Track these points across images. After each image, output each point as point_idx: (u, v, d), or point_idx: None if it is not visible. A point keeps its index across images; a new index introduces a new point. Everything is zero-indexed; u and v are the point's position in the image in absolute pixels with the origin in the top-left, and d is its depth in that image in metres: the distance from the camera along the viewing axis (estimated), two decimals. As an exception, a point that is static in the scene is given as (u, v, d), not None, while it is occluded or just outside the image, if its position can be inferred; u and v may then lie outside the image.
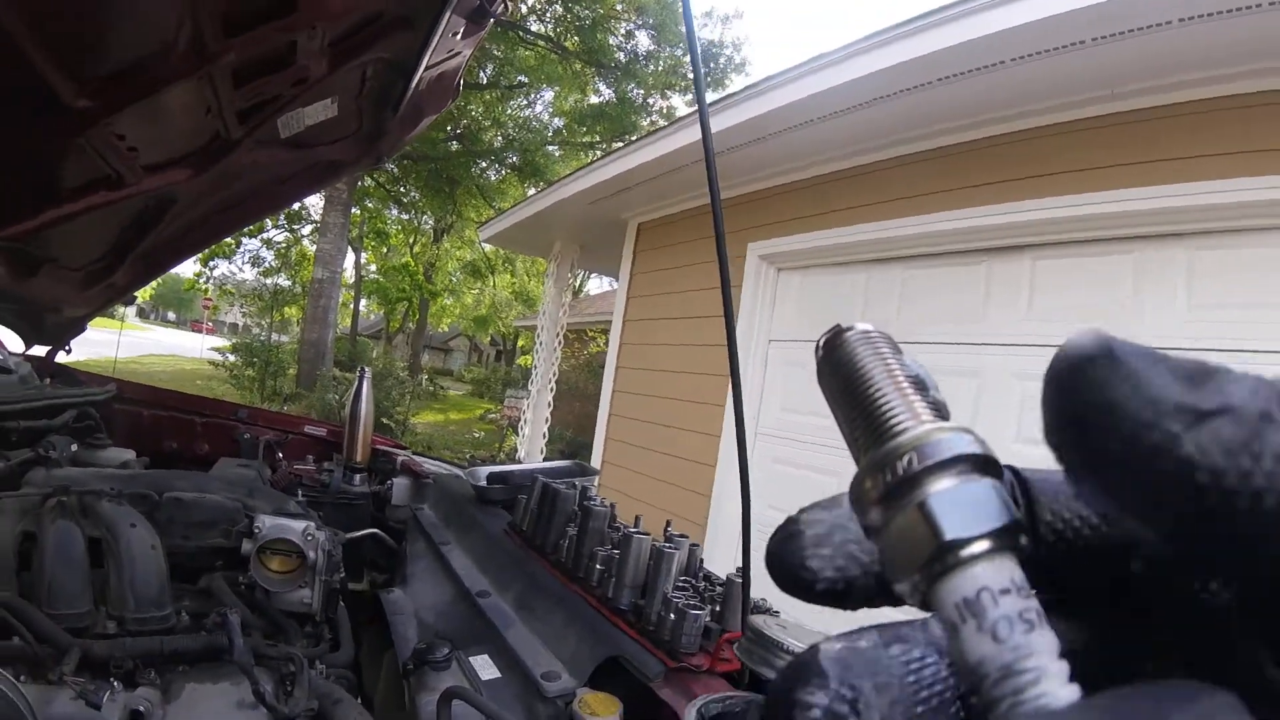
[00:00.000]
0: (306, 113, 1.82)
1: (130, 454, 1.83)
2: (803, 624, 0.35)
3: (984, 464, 0.16)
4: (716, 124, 4.19)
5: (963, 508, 0.16)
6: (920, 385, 0.19)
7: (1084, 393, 0.16)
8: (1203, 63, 2.71)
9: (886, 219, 3.91)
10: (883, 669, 0.17)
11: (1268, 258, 2.67)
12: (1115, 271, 3.11)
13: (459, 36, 1.71)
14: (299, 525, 1.26)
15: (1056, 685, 0.14)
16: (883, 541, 0.17)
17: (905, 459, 0.16)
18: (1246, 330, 2.68)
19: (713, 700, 0.42)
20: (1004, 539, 0.15)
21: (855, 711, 0.16)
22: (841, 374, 0.20)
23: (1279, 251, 2.66)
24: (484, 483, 1.77)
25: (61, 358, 2.52)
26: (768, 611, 1.14)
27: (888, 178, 3.96)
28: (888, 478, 0.16)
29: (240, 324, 35.05)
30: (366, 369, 2.29)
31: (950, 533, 0.15)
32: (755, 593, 1.22)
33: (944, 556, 0.15)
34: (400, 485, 2.10)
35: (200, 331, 32.76)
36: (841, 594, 0.19)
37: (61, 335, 2.38)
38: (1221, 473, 0.14)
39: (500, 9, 1.62)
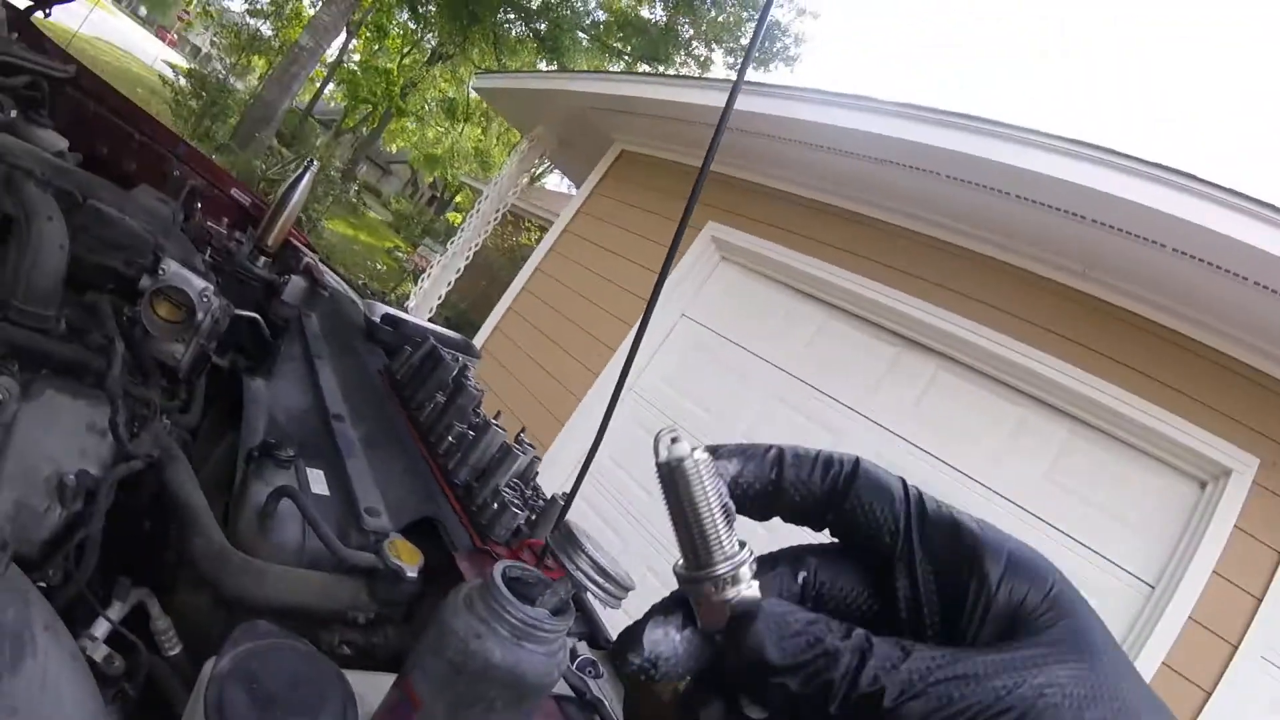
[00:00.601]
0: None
1: (64, 144, 1.75)
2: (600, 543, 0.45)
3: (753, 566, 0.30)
4: (740, 104, 4.23)
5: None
6: (729, 515, 0.30)
7: None
8: (1170, 292, 3.01)
9: (837, 265, 4.10)
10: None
11: (1130, 478, 3.04)
12: (1001, 414, 3.42)
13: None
14: (199, 283, 1.27)
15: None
16: (701, 602, 0.30)
17: (720, 581, 0.30)
18: (1087, 526, 3.04)
19: (515, 565, 0.53)
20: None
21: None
22: (682, 497, 0.29)
23: (1142, 474, 3.02)
24: (378, 319, 1.82)
25: (37, 18, 2.34)
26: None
27: (857, 233, 4.14)
28: (715, 587, 0.30)
29: (203, 50, 32.16)
30: (315, 162, 2.26)
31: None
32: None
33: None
34: (296, 284, 2.10)
35: (163, 40, 29.91)
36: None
37: None
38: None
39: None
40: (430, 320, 7.94)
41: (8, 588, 0.67)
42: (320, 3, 13.78)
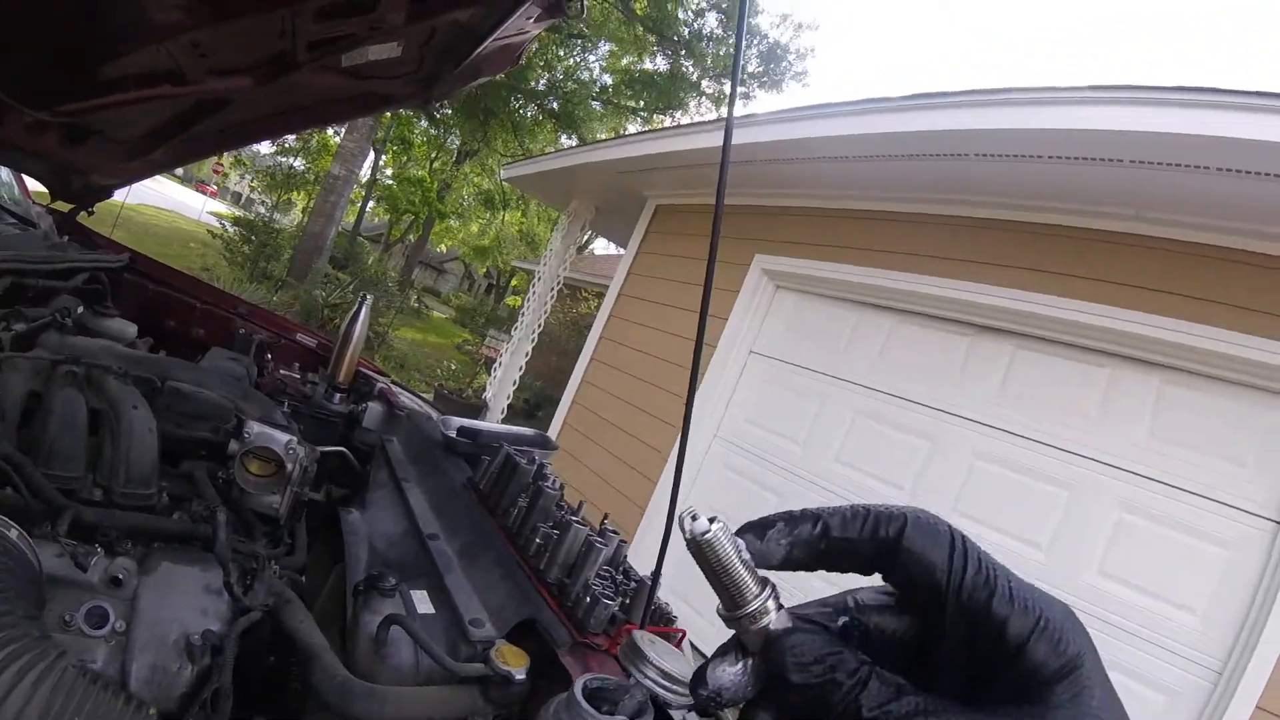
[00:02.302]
0: (371, 50, 1.91)
1: (133, 329, 1.90)
2: (669, 645, 0.48)
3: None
4: (753, 135, 4.30)
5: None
6: (749, 565, 0.36)
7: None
8: (1229, 213, 2.88)
9: (890, 269, 4.05)
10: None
11: (1235, 416, 2.87)
12: (1089, 381, 3.29)
13: (531, 20, 1.82)
14: (283, 437, 1.39)
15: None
16: (744, 634, 0.37)
17: (752, 616, 0.36)
18: (1201, 475, 2.87)
19: (595, 678, 0.57)
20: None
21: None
22: (710, 561, 0.36)
23: (1247, 409, 2.85)
24: (454, 434, 1.90)
25: (81, 217, 2.60)
26: (667, 617, 1.30)
27: (902, 231, 4.10)
28: (749, 621, 0.36)
29: (244, 195, 34.58)
30: (369, 296, 2.40)
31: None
32: (666, 594, 1.39)
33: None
34: (374, 411, 2.22)
35: (205, 193, 32.41)
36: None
37: (87, 198, 2.45)
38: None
39: (576, 9, 1.73)
40: (510, 404, 8.16)
41: None
42: (343, 131, 14.60)
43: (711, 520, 0.36)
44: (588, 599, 1.15)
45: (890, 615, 0.38)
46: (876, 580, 0.39)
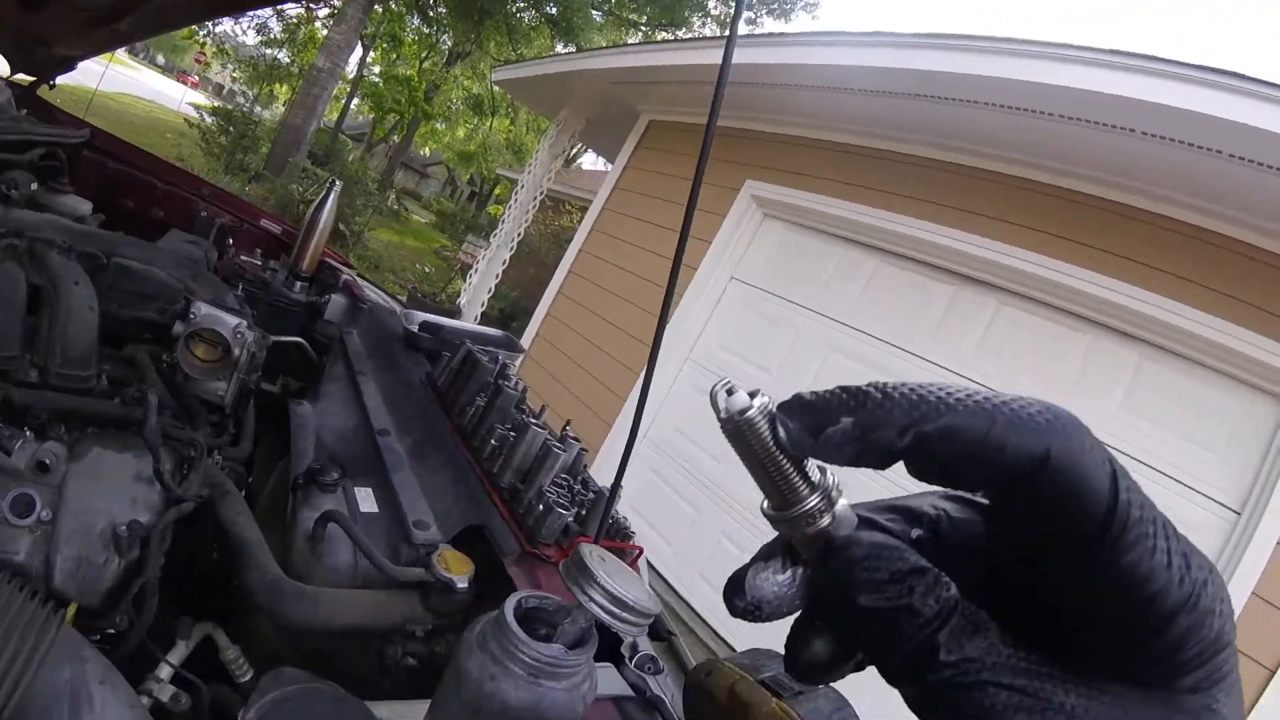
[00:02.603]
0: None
1: (88, 206, 1.79)
2: (623, 564, 0.42)
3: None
4: (756, 56, 4.11)
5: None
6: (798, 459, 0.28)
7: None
8: (1237, 202, 2.83)
9: (883, 209, 3.96)
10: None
11: (1208, 400, 2.87)
12: (1069, 345, 3.28)
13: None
14: (232, 320, 1.29)
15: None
16: (796, 537, 0.29)
17: (808, 516, 0.28)
18: (1168, 455, 2.90)
19: (532, 595, 0.51)
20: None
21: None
22: (753, 446, 0.27)
23: (1221, 396, 2.86)
24: (415, 328, 1.82)
25: (43, 91, 2.41)
26: (624, 532, 1.26)
27: (899, 172, 3.99)
28: (803, 521, 0.28)
29: (226, 87, 33.00)
30: (338, 182, 2.27)
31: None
32: (626, 510, 1.33)
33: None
34: (336, 303, 2.12)
35: (185, 83, 30.84)
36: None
37: (49, 69, 2.28)
38: None
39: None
40: (484, 312, 8.04)
41: (63, 648, 0.68)
42: (331, 23, 13.92)
43: (752, 395, 0.28)
44: (540, 507, 1.10)
45: (979, 537, 0.29)
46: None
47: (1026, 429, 0.23)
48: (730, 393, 0.27)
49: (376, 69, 23.39)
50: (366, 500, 1.17)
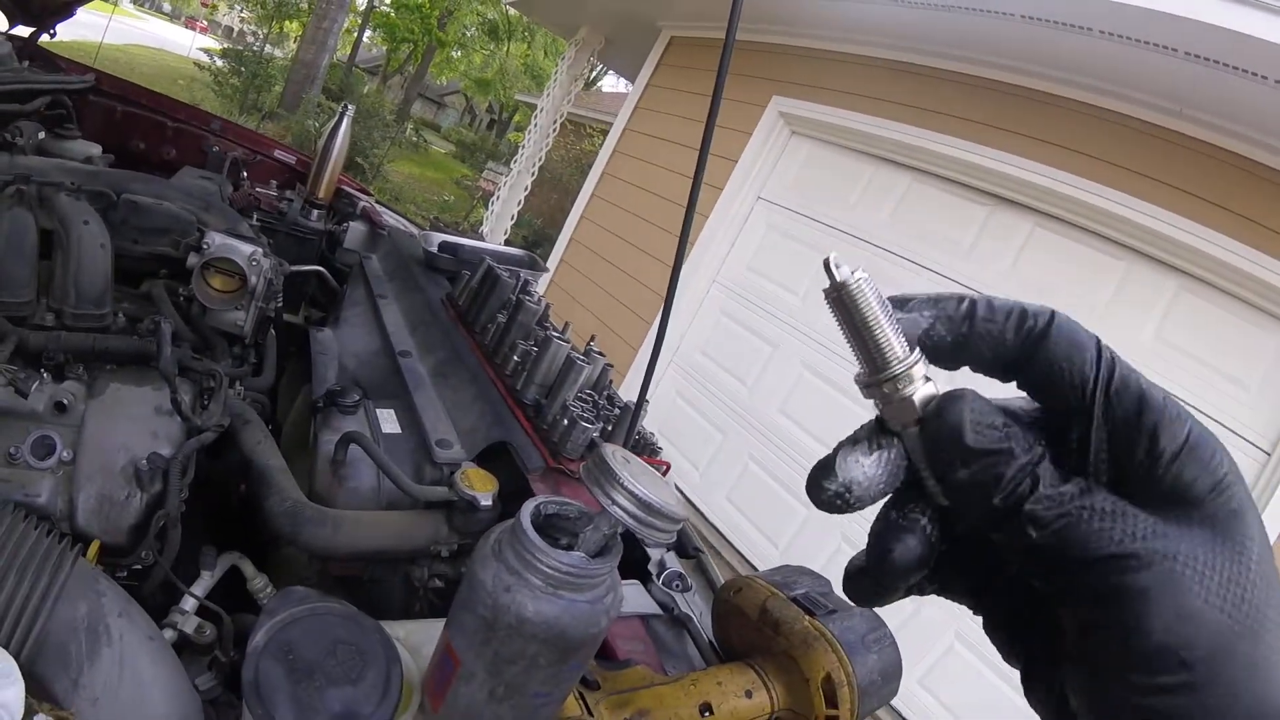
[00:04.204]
0: None
1: (96, 149, 1.77)
2: (647, 465, 0.39)
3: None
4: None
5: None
6: (895, 323, 0.31)
7: None
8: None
9: (915, 125, 3.79)
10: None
11: (1245, 336, 2.76)
12: (1104, 270, 3.16)
13: None
14: (246, 248, 1.26)
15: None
16: (888, 405, 0.31)
17: (904, 378, 0.31)
18: (1200, 390, 2.80)
19: (552, 501, 0.47)
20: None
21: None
22: (853, 314, 0.31)
23: (1258, 332, 2.74)
24: (434, 249, 1.77)
25: (44, 40, 2.34)
26: (651, 447, 1.23)
27: (932, 88, 3.80)
28: (896, 386, 0.31)
29: (236, 29, 32.29)
30: (350, 106, 2.20)
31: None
32: (650, 425, 1.30)
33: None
34: (355, 230, 2.09)
35: (193, 29, 30.24)
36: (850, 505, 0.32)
37: (48, 18, 2.20)
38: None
39: None
40: (507, 240, 7.96)
41: (78, 582, 0.67)
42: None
43: (854, 271, 0.31)
44: (565, 421, 1.07)
45: (1022, 416, 0.32)
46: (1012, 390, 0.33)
47: (1036, 313, 0.31)
48: (838, 266, 0.31)
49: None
50: (389, 421, 1.15)
